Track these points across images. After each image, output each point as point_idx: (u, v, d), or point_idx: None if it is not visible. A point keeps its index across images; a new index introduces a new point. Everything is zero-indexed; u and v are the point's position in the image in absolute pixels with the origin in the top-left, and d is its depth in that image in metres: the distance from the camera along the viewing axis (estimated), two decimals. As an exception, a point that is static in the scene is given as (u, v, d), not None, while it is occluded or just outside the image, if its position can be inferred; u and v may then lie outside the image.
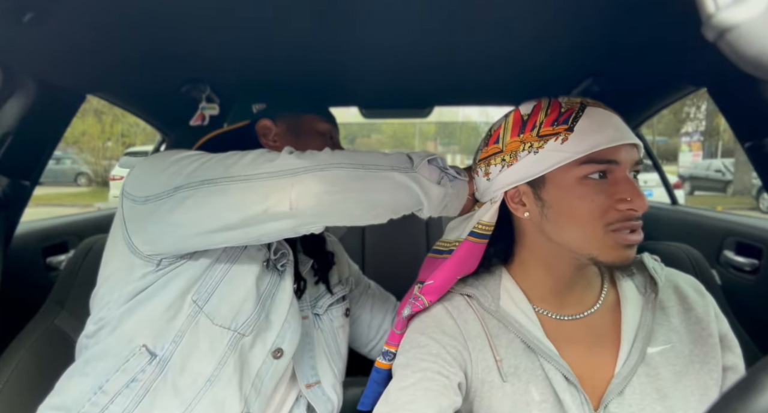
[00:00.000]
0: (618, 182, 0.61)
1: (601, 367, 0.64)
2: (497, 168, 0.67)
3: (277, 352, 0.74)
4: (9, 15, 0.64)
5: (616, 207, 0.60)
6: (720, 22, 0.22)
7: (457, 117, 21.91)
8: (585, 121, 0.61)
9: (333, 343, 0.88)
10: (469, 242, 0.69)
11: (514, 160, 0.64)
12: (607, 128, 0.61)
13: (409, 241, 2.09)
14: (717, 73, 0.94)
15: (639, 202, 0.59)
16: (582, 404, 0.61)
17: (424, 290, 0.70)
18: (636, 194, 0.59)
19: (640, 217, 0.61)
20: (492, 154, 0.68)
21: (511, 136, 0.66)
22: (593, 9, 0.71)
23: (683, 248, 1.12)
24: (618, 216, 0.60)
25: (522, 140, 0.64)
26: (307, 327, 0.85)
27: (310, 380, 0.82)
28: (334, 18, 0.75)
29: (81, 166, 14.04)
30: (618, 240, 0.60)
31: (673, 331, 0.66)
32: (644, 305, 0.67)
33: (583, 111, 0.62)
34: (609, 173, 0.61)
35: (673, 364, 0.64)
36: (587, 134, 0.60)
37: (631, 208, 0.59)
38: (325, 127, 0.90)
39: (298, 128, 0.88)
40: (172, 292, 0.68)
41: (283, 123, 0.88)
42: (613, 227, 0.60)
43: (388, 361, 0.73)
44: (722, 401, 0.25)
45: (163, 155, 0.71)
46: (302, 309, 0.84)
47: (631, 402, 0.61)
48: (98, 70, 0.96)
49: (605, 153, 0.60)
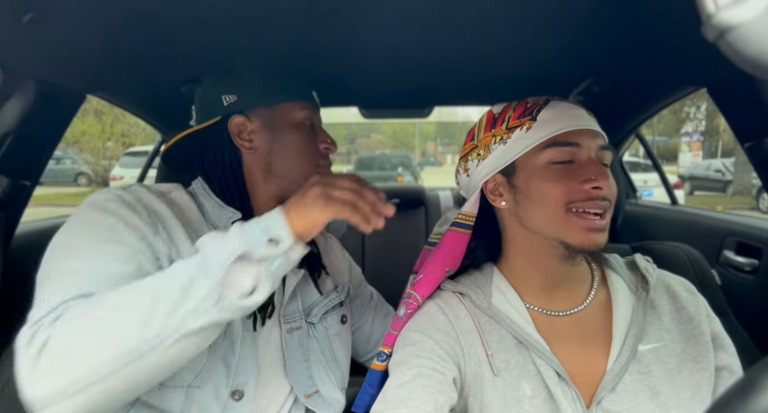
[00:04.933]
0: (583, 165, 0.64)
1: (592, 364, 0.65)
2: (474, 163, 0.72)
3: (235, 394, 0.70)
4: (9, 15, 0.65)
5: (581, 187, 0.62)
6: (720, 22, 0.22)
7: (457, 117, 21.93)
8: (548, 111, 0.66)
9: (329, 351, 0.85)
10: (452, 231, 0.72)
11: (487, 153, 0.70)
12: (567, 116, 0.66)
13: (409, 241, 2.09)
14: (717, 73, 0.94)
15: (603, 181, 0.61)
16: (574, 400, 0.61)
17: (414, 286, 0.72)
18: (600, 174, 0.62)
19: (606, 198, 0.63)
20: (469, 151, 0.74)
21: (484, 132, 0.72)
22: (593, 9, 0.72)
23: (683, 248, 1.12)
24: (582, 195, 0.62)
25: (493, 134, 0.70)
26: (301, 337, 0.81)
27: (308, 390, 0.80)
28: (334, 18, 0.75)
29: (81, 166, 14.04)
30: (584, 224, 0.62)
31: (664, 330, 0.67)
32: (636, 303, 0.68)
33: (546, 104, 0.67)
34: (574, 157, 0.64)
35: (665, 362, 0.64)
36: (549, 121, 0.65)
37: (596, 186, 0.61)
38: (303, 115, 0.81)
39: (274, 122, 0.80)
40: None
41: (258, 118, 0.80)
42: (577, 206, 0.62)
43: (381, 362, 0.73)
44: (722, 401, 0.25)
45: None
46: (294, 320, 0.81)
47: (623, 399, 0.62)
48: (98, 70, 0.96)
49: (567, 136, 0.64)
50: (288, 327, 0.80)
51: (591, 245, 0.62)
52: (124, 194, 0.68)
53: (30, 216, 1.14)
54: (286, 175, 0.80)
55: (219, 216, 0.77)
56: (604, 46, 0.88)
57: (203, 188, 0.80)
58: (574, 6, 0.70)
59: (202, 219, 0.76)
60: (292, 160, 0.80)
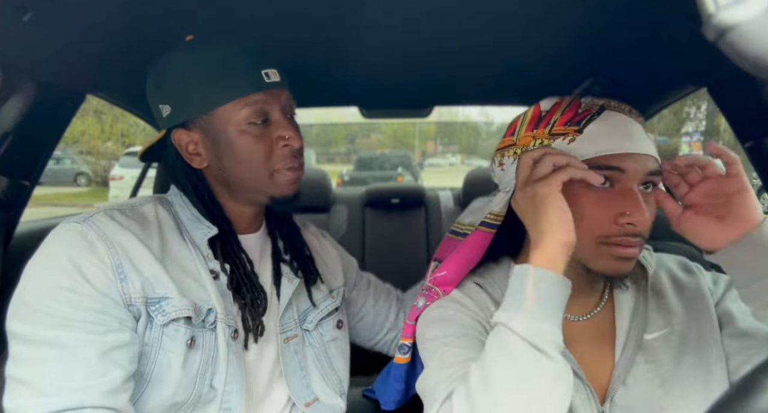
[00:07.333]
0: (622, 194, 0.58)
1: (602, 362, 0.65)
2: (510, 160, 0.67)
3: None
4: (9, 15, 0.64)
5: (614, 221, 0.58)
6: (720, 22, 0.22)
7: (457, 117, 21.91)
8: (597, 125, 0.60)
9: (324, 358, 0.83)
10: (480, 231, 0.69)
11: None
12: (619, 135, 0.59)
13: (409, 241, 2.09)
14: (717, 74, 0.94)
15: (639, 217, 0.56)
16: (588, 398, 0.61)
17: (437, 281, 0.71)
18: (637, 209, 0.57)
19: (639, 235, 0.58)
20: (507, 145, 0.69)
21: (525, 130, 0.66)
22: (594, 9, 0.71)
23: (683, 248, 1.12)
24: (615, 230, 0.58)
25: (534, 135, 0.64)
26: (296, 345, 0.80)
27: (308, 398, 0.78)
28: (334, 18, 0.75)
29: (81, 166, 14.04)
30: (610, 252, 0.59)
31: (671, 313, 0.66)
32: (636, 293, 0.68)
33: (599, 114, 0.61)
34: (615, 182, 0.59)
35: (673, 348, 0.64)
36: (597, 137, 0.59)
37: (630, 222, 0.57)
38: (245, 113, 0.68)
39: (214, 130, 0.69)
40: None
41: (198, 129, 0.71)
42: (605, 240, 0.59)
43: (404, 355, 0.73)
44: (722, 401, 0.25)
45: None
46: (290, 329, 0.79)
47: (635, 392, 0.61)
48: (98, 70, 0.96)
49: (611, 159, 0.58)
50: (284, 336, 0.78)
51: (614, 272, 0.60)
52: (86, 230, 0.64)
53: (30, 216, 1.14)
54: (247, 186, 0.73)
55: (195, 231, 0.72)
56: (605, 45, 0.88)
57: (180, 196, 0.76)
58: (574, 5, 0.70)
59: (177, 233, 0.72)
60: (243, 170, 0.71)
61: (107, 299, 0.61)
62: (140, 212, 0.72)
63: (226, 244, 0.74)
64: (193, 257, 0.71)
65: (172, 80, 0.71)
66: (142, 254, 0.66)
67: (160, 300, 0.65)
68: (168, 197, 0.78)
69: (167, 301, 0.65)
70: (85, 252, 0.62)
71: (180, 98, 0.70)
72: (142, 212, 0.72)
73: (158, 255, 0.67)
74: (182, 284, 0.68)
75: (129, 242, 0.65)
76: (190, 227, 0.73)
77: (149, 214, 0.72)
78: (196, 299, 0.68)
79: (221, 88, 0.69)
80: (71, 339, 0.58)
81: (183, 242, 0.72)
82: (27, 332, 0.59)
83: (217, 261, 0.72)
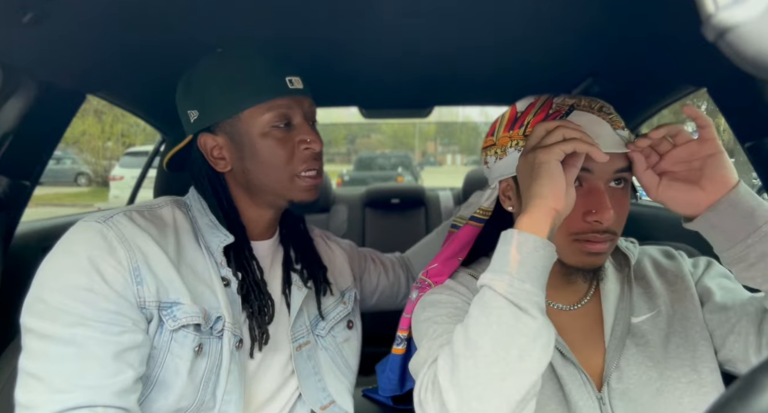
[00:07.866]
0: (589, 193, 0.61)
1: (595, 349, 0.67)
2: (492, 159, 0.71)
3: None
4: (9, 15, 0.64)
5: (584, 219, 0.61)
6: (720, 22, 0.22)
7: (457, 117, 21.95)
8: None
9: (339, 358, 0.85)
10: (469, 226, 0.74)
11: (503, 154, 0.68)
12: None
13: (409, 241, 2.08)
14: (717, 73, 0.94)
15: (605, 214, 0.59)
16: (584, 383, 0.64)
17: (429, 273, 0.74)
18: (603, 207, 0.59)
19: (608, 231, 0.61)
20: (488, 145, 0.72)
21: (503, 130, 0.69)
22: (593, 9, 0.72)
23: (683, 248, 1.12)
24: (583, 227, 0.61)
25: (510, 136, 0.68)
26: (309, 351, 0.81)
27: (324, 402, 0.79)
28: (334, 18, 0.75)
29: (81, 166, 14.04)
30: (580, 247, 0.62)
31: (656, 296, 0.70)
32: (621, 281, 0.71)
33: (568, 115, 0.63)
34: (584, 181, 0.62)
35: (661, 329, 0.67)
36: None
37: (597, 220, 0.60)
38: (270, 117, 0.71)
39: (239, 134, 0.71)
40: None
41: (223, 133, 0.73)
42: (576, 237, 0.62)
43: (399, 346, 0.77)
44: (722, 401, 0.25)
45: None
46: (302, 336, 0.80)
47: (628, 375, 0.64)
48: (98, 70, 0.96)
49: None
50: (297, 344, 0.79)
51: (585, 266, 0.63)
52: (106, 230, 0.64)
53: (30, 216, 1.14)
54: (268, 189, 0.74)
55: (211, 237, 0.73)
56: (605, 45, 0.88)
57: (199, 201, 0.76)
58: (574, 5, 0.70)
59: (193, 238, 0.73)
60: (266, 173, 0.73)
61: (123, 301, 0.62)
62: (158, 214, 0.72)
63: (239, 251, 0.74)
64: (206, 263, 0.72)
65: (200, 86, 0.73)
66: (159, 258, 0.66)
67: (172, 305, 0.66)
68: (186, 200, 0.78)
69: (179, 307, 0.66)
70: (105, 253, 0.63)
71: (207, 102, 0.72)
72: (160, 215, 0.72)
73: (174, 259, 0.68)
74: (195, 290, 0.68)
75: (146, 245, 0.66)
76: (207, 233, 0.73)
77: (167, 217, 0.73)
78: (206, 307, 0.69)
79: (247, 92, 0.71)
80: (87, 337, 0.59)
81: (198, 248, 0.72)
82: (43, 328, 0.59)
83: (229, 269, 0.73)
